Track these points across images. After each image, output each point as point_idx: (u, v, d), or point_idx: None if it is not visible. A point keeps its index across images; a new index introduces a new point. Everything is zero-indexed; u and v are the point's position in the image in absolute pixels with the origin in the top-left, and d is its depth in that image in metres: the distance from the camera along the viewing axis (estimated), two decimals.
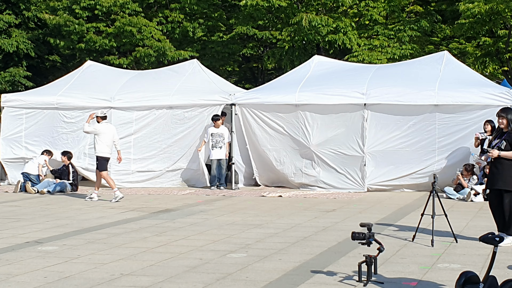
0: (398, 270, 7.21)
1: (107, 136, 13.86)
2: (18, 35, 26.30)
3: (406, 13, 27.00)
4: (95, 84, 17.66)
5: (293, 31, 23.95)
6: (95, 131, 13.84)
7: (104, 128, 13.92)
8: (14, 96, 17.60)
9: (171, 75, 17.84)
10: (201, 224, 10.62)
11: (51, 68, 28.18)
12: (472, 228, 10.03)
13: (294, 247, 8.55)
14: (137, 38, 25.07)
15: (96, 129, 13.85)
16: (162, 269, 7.32)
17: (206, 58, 26.42)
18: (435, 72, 15.75)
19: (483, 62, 24.26)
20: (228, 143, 16.03)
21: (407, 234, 9.36)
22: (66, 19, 24.93)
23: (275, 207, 12.78)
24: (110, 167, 16.43)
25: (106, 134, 13.86)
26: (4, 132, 17.12)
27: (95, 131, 13.84)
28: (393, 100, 15.06)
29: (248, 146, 16.11)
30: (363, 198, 14.13)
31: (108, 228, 10.24)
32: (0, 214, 11.91)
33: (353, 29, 24.03)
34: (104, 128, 13.91)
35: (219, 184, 16.00)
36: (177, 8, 26.64)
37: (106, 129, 13.93)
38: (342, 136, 15.28)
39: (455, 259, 7.76)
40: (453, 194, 13.89)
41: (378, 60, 22.88)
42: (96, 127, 13.91)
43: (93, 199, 14.01)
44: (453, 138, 14.83)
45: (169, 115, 16.48)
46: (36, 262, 7.70)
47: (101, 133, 13.81)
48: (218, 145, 15.90)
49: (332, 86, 15.79)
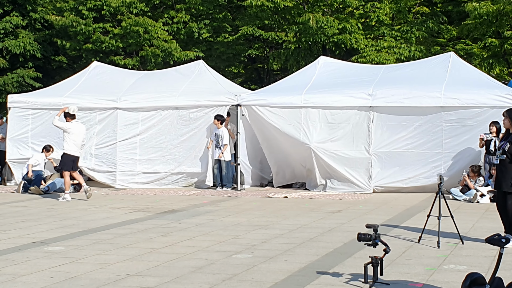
0: (404, 271, 7.20)
1: (77, 136, 14.04)
2: (25, 36, 26.36)
3: (412, 14, 26.96)
4: (101, 85, 17.71)
5: (299, 32, 23.94)
6: (66, 129, 13.99)
7: (75, 127, 14.09)
8: (21, 96, 17.65)
9: (177, 76, 17.87)
10: (206, 224, 10.63)
11: (57, 69, 28.23)
12: (478, 229, 10.01)
13: (300, 248, 8.55)
14: (144, 38, 25.10)
15: (67, 127, 14.01)
16: (168, 270, 7.33)
17: (212, 58, 26.43)
18: (441, 74, 15.73)
19: (489, 64, 24.19)
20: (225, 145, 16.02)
21: (413, 235, 9.34)
22: (73, 20, 24.98)
23: (281, 208, 12.77)
24: (116, 168, 16.55)
25: (76, 134, 14.04)
26: (10, 132, 17.16)
27: (66, 128, 14.00)
28: (399, 102, 15.05)
29: (262, 145, 16.15)
30: (369, 199, 14.11)
31: (114, 229, 10.26)
32: (6, 215, 11.95)
33: (359, 30, 24.00)
34: (75, 127, 14.08)
35: (222, 184, 16.01)
36: (182, 9, 26.67)
37: (77, 128, 14.11)
38: (348, 137, 15.27)
39: (461, 261, 7.74)
40: (459, 196, 13.87)
41: (386, 60, 22.86)
42: (68, 125, 14.06)
43: (66, 199, 14.08)
44: (460, 139, 14.80)
45: (175, 116, 16.49)
46: (42, 263, 7.72)
47: (72, 132, 13.98)
48: (218, 146, 15.94)
49: (338, 88, 15.79)
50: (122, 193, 15.52)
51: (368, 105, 15.21)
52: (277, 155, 16.11)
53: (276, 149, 15.97)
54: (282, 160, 16.06)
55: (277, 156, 16.14)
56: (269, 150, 16.20)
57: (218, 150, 15.95)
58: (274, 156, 16.23)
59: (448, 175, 14.47)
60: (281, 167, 16.37)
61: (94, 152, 16.52)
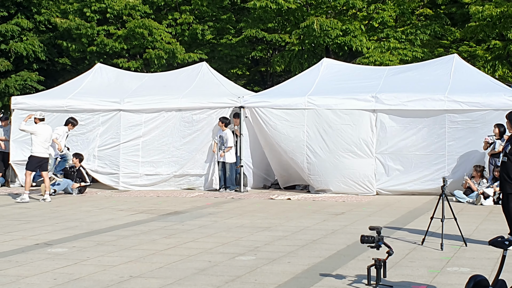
0: (407, 273, 7.19)
1: (43, 137, 14.22)
2: (29, 38, 26.40)
3: (416, 16, 26.94)
4: (104, 87, 17.73)
5: (302, 34, 23.93)
6: (33, 132, 14.22)
7: (41, 129, 14.28)
8: (25, 98, 17.67)
9: (180, 78, 17.88)
10: (210, 226, 10.63)
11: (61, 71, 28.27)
12: (481, 231, 9.99)
13: (303, 250, 8.55)
14: (148, 40, 25.13)
15: (34, 130, 14.25)
16: (171, 272, 7.33)
17: (215, 60, 26.45)
18: (445, 76, 15.72)
19: (493, 66, 24.15)
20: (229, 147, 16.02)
21: (417, 238, 9.33)
22: (78, 23, 25.02)
23: (284, 209, 12.77)
24: (119, 170, 16.55)
25: (42, 135, 14.22)
26: (14, 134, 17.18)
27: (33, 131, 14.23)
28: (403, 104, 15.03)
29: (264, 148, 16.16)
30: (372, 201, 14.10)
31: (117, 230, 10.27)
32: (10, 216, 11.97)
33: (363, 32, 24.00)
34: (40, 128, 14.27)
35: (225, 186, 16.02)
36: (186, 11, 26.69)
37: (43, 130, 14.28)
38: (351, 139, 15.26)
39: (465, 263, 7.73)
40: (463, 198, 13.85)
41: (390, 62, 22.84)
42: (34, 127, 14.32)
43: (24, 200, 14.16)
44: (463, 142, 14.77)
45: (177, 118, 16.50)
46: (45, 264, 7.73)
47: (38, 134, 14.18)
48: (222, 148, 15.94)
49: (341, 90, 15.79)
50: (125, 194, 15.53)
51: (371, 108, 15.20)
52: (280, 157, 16.11)
53: (278, 151, 15.96)
54: (285, 162, 16.06)
55: (280, 158, 16.14)
56: (272, 152, 16.19)
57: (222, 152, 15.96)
58: (277, 158, 16.23)
59: (452, 178, 14.46)
60: (284, 169, 16.37)
61: (97, 153, 16.53)
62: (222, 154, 15.91)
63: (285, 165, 16.20)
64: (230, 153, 15.97)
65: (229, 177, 16.08)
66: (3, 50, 26.02)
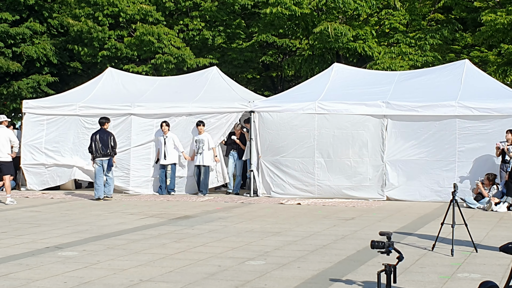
0: (418, 279, 7.17)
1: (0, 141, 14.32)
2: (41, 42, 26.53)
3: (427, 21, 26.88)
4: (115, 91, 17.80)
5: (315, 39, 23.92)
6: None
7: None
8: (36, 102, 17.77)
9: (191, 83, 17.93)
10: (219, 231, 10.64)
11: (72, 75, 28.37)
12: (492, 237, 9.95)
13: (313, 255, 8.54)
14: (156, 46, 25.20)
15: None
16: (180, 276, 7.34)
17: (225, 65, 26.47)
18: (455, 82, 15.68)
19: (504, 71, 24.05)
20: (213, 148, 16.10)
21: (427, 243, 9.30)
22: (90, 26, 25.12)
23: (294, 214, 12.76)
24: (129, 173, 16.58)
25: None
26: (25, 137, 17.27)
27: None
28: (414, 110, 15.01)
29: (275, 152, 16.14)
30: (383, 206, 14.07)
31: (127, 234, 10.29)
32: (20, 220, 12.02)
33: (373, 37, 23.96)
34: None
35: (198, 190, 16.11)
36: (197, 16, 26.74)
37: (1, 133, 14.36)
38: (362, 144, 15.25)
39: (475, 269, 7.70)
40: (473, 204, 13.80)
41: (400, 67, 22.80)
42: None
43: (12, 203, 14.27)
44: (474, 147, 14.71)
45: (188, 122, 16.55)
46: (56, 268, 7.76)
47: None
48: (199, 151, 15.99)
49: (352, 95, 15.77)
50: (135, 198, 15.57)
51: (382, 113, 15.18)
52: (291, 161, 16.05)
53: (289, 155, 15.92)
54: (297, 166, 15.99)
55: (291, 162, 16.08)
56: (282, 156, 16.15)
57: (199, 155, 16.01)
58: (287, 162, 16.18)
59: (462, 183, 14.41)
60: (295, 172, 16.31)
61: None
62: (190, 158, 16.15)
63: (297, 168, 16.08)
64: (208, 157, 16.01)
65: (203, 181, 16.12)
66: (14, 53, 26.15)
